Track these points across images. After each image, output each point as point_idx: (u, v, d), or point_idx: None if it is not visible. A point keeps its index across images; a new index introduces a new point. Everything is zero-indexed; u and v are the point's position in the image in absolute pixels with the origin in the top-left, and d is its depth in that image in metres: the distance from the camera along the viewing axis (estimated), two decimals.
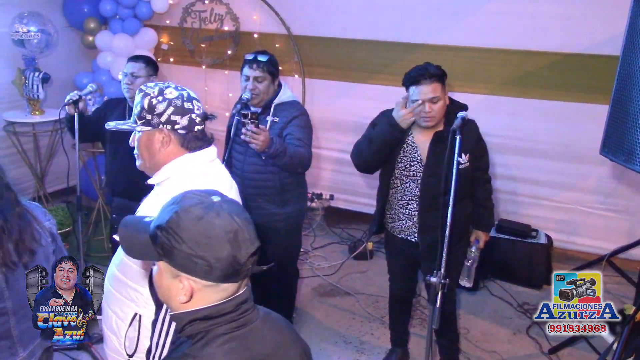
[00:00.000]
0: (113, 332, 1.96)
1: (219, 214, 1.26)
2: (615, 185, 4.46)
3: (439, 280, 2.48)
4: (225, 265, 1.25)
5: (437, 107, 2.91)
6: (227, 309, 1.29)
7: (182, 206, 1.27)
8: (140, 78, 3.51)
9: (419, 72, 2.92)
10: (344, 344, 3.73)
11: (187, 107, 1.90)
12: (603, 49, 4.13)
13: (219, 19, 5.50)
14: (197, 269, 1.25)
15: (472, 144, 3.00)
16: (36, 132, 5.07)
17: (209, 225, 1.24)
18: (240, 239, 1.26)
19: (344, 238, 5.23)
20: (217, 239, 1.24)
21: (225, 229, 1.25)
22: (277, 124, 3.26)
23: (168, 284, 1.30)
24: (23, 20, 4.79)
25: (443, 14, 4.66)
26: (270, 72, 3.27)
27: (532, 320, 4.00)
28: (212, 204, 1.28)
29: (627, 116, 2.91)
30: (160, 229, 1.26)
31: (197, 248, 1.23)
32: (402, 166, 3.06)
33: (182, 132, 1.90)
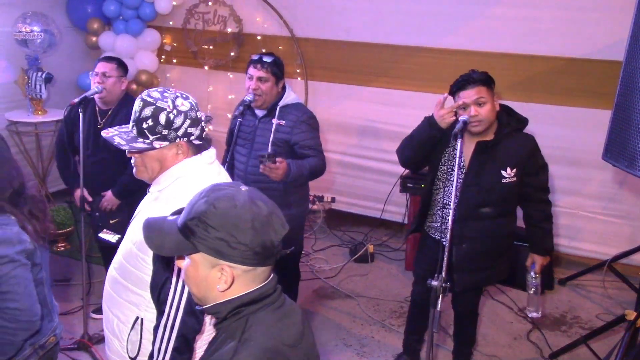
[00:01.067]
0: (115, 335, 1.95)
1: (252, 201, 1.30)
2: (617, 190, 4.46)
3: (439, 283, 2.48)
4: (263, 249, 1.29)
5: (484, 110, 2.80)
6: (269, 290, 1.34)
7: (215, 197, 1.30)
8: (112, 78, 3.56)
9: (463, 77, 2.86)
10: (344, 346, 3.72)
11: (198, 116, 1.89)
12: (606, 54, 4.14)
13: (222, 20, 5.51)
14: (236, 254, 1.27)
15: (521, 159, 2.87)
16: (38, 131, 5.08)
17: (245, 211, 1.28)
18: (274, 223, 1.31)
19: (345, 241, 5.22)
20: (255, 224, 1.27)
21: (261, 213, 1.29)
22: (282, 127, 3.26)
23: (205, 274, 1.31)
24: (26, 20, 4.81)
25: (446, 17, 4.67)
26: (274, 74, 3.26)
27: (532, 325, 4.00)
28: (243, 192, 1.32)
29: (629, 122, 2.91)
30: (196, 222, 1.28)
31: (237, 234, 1.26)
32: (445, 169, 2.97)
33: (197, 142, 1.90)
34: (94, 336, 3.57)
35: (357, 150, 5.24)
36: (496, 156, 2.85)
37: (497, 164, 2.85)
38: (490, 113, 2.83)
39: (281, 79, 3.32)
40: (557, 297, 4.40)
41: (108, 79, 3.55)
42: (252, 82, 3.24)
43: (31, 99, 4.95)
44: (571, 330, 3.97)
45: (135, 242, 1.87)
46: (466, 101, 2.81)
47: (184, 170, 1.89)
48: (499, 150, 2.85)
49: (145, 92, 1.87)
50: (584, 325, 4.03)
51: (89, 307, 3.74)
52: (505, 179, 2.85)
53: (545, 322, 4.06)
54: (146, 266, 1.84)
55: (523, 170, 2.89)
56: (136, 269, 1.87)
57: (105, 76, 3.55)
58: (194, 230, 1.28)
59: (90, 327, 3.62)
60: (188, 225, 1.29)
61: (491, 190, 2.86)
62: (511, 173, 2.86)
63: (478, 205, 2.87)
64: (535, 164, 2.93)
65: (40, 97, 4.93)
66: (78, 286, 4.04)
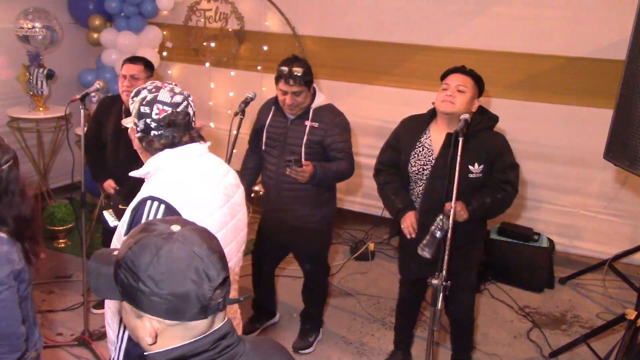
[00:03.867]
0: (109, 325, 1.98)
1: (177, 247, 1.15)
2: (618, 190, 4.46)
3: (440, 282, 2.48)
4: (188, 303, 1.14)
5: (461, 97, 2.86)
6: (203, 346, 1.18)
7: (137, 240, 1.17)
8: (141, 80, 3.47)
9: (456, 67, 2.96)
10: (344, 344, 3.72)
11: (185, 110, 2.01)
12: (608, 53, 4.13)
13: (223, 18, 5.50)
14: (158, 307, 1.14)
15: (489, 156, 2.91)
16: (40, 128, 5.08)
17: (167, 259, 1.14)
18: (203, 272, 1.14)
19: (345, 239, 5.22)
20: (175, 275, 1.13)
21: (185, 262, 1.14)
22: (316, 129, 3.27)
23: (133, 324, 1.20)
24: (28, 16, 4.80)
25: (449, 16, 4.66)
26: (307, 83, 3.23)
27: (533, 324, 4.00)
28: (170, 235, 1.17)
29: (631, 121, 2.91)
30: (119, 266, 1.17)
31: (154, 286, 1.13)
32: (416, 170, 3.01)
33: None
34: (94, 332, 3.58)
35: (359, 148, 5.22)
36: (466, 150, 2.83)
37: (466, 159, 2.83)
38: (465, 103, 2.88)
39: (311, 84, 3.30)
40: (558, 296, 4.40)
41: (137, 82, 3.44)
42: (287, 98, 3.21)
43: (32, 95, 4.95)
44: (571, 329, 3.98)
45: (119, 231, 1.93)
46: (449, 83, 2.90)
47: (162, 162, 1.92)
48: (469, 145, 2.83)
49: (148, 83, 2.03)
50: (584, 325, 4.03)
51: (89, 303, 3.75)
52: (472, 174, 2.87)
53: (545, 321, 4.07)
54: None
55: (491, 168, 2.92)
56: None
57: (134, 79, 3.50)
58: (119, 275, 1.17)
59: (91, 323, 3.63)
60: (115, 268, 1.18)
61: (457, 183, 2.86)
62: (478, 169, 2.89)
63: (443, 197, 2.85)
64: (503, 163, 2.95)
65: (41, 93, 4.93)
66: (78, 282, 4.05)
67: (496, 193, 2.94)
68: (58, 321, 3.78)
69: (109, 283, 1.19)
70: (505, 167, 2.95)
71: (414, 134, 3.04)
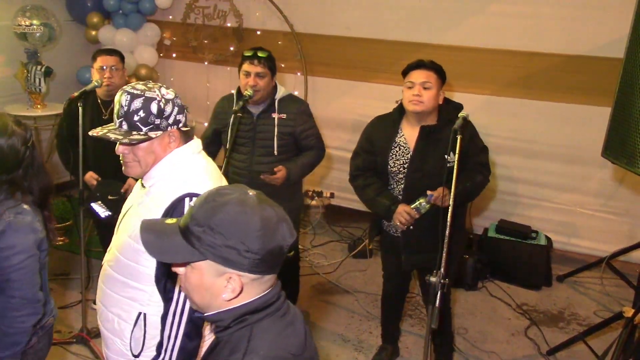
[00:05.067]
0: (116, 334, 1.92)
1: (261, 207, 1.24)
2: (616, 187, 4.46)
3: (438, 279, 2.48)
4: (273, 257, 1.24)
5: (427, 94, 2.92)
6: (273, 298, 1.29)
7: (223, 202, 1.23)
8: (120, 70, 3.62)
9: (417, 61, 3.00)
10: (342, 342, 3.73)
11: (182, 104, 1.90)
12: (606, 52, 4.13)
13: (222, 15, 5.50)
14: (246, 263, 1.22)
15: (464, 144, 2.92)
16: (38, 125, 5.07)
17: (255, 217, 1.22)
18: (284, 229, 1.25)
19: (343, 236, 5.23)
20: (265, 231, 1.22)
21: (271, 220, 1.23)
22: (285, 120, 3.32)
23: (210, 283, 1.25)
24: (26, 13, 4.79)
25: (447, 14, 4.66)
26: (270, 68, 3.29)
27: (530, 321, 4.01)
28: (251, 197, 1.26)
29: (629, 119, 2.91)
30: (204, 228, 1.21)
31: (247, 242, 1.21)
32: (396, 169, 3.05)
33: (185, 129, 1.91)
34: (92, 330, 3.57)
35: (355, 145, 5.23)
36: (440, 141, 2.93)
37: (441, 149, 2.91)
38: (432, 99, 2.93)
39: (275, 73, 3.35)
40: (555, 293, 4.41)
41: (117, 72, 3.60)
42: (250, 79, 3.24)
43: (30, 93, 4.94)
44: (569, 327, 3.98)
45: (132, 235, 1.85)
46: (413, 81, 2.94)
47: (174, 160, 1.88)
48: (442, 136, 2.92)
49: (128, 87, 1.85)
50: (581, 322, 4.04)
51: (88, 300, 3.75)
52: (449, 163, 2.89)
53: (543, 318, 4.08)
54: (146, 258, 1.81)
55: (464, 154, 2.94)
56: (135, 262, 1.85)
57: (114, 69, 3.59)
58: (201, 237, 1.21)
59: (90, 320, 3.62)
60: (194, 231, 1.23)
61: (435, 174, 2.92)
62: (454, 157, 2.89)
63: (423, 189, 2.94)
64: (475, 147, 3.04)
65: (39, 91, 4.92)
66: (77, 280, 4.05)
67: (474, 176, 3.03)
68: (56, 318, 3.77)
69: (179, 248, 1.24)
70: (478, 152, 3.05)
71: (387, 135, 3.08)
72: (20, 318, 1.99)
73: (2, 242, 1.95)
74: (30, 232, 1.99)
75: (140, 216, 1.84)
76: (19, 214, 1.98)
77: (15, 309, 1.98)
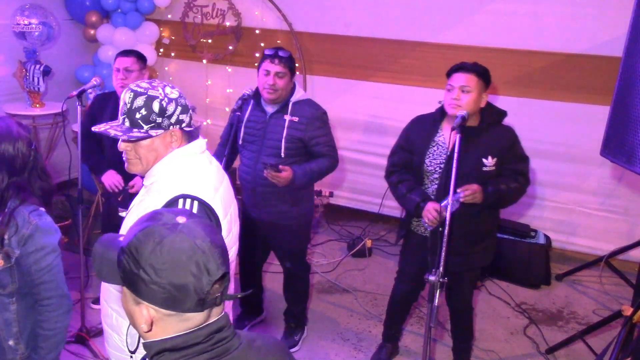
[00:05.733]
0: (114, 329, 1.93)
1: (181, 238, 1.16)
2: (615, 186, 4.47)
3: (437, 278, 2.49)
4: (186, 294, 1.15)
5: (466, 97, 2.87)
6: (196, 339, 1.19)
7: (143, 228, 1.19)
8: (134, 72, 3.55)
9: (460, 63, 2.96)
10: (341, 341, 3.73)
11: (187, 103, 1.90)
12: (605, 50, 4.13)
13: (220, 14, 5.49)
14: (156, 296, 1.16)
15: (502, 149, 2.94)
16: (36, 124, 5.06)
17: (169, 250, 1.15)
18: (203, 266, 1.15)
19: (343, 235, 5.23)
20: (176, 265, 1.15)
21: (186, 254, 1.15)
22: (296, 123, 3.23)
23: (131, 310, 1.22)
24: (24, 12, 4.78)
25: (446, 12, 4.66)
26: (290, 69, 3.23)
27: (529, 320, 4.01)
28: (175, 226, 1.18)
29: (628, 118, 2.91)
30: (123, 252, 1.19)
31: (154, 274, 1.14)
32: (432, 169, 3.02)
33: (188, 129, 1.90)
34: (91, 329, 3.58)
35: (356, 144, 5.24)
36: (479, 144, 2.91)
37: (479, 152, 2.90)
38: (471, 103, 2.89)
39: (295, 74, 3.29)
40: (554, 292, 4.42)
41: (131, 74, 3.53)
42: (269, 78, 3.18)
43: (29, 91, 4.93)
44: (568, 326, 3.99)
45: None
46: (452, 84, 2.91)
47: (174, 160, 1.88)
48: (482, 138, 2.91)
49: (132, 84, 1.87)
50: (580, 321, 4.04)
51: (87, 299, 3.75)
52: (485, 167, 2.90)
53: (542, 317, 4.08)
54: None
55: (503, 161, 2.96)
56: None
57: (127, 71, 3.55)
58: (120, 261, 1.19)
59: (88, 320, 3.63)
60: (119, 254, 1.20)
61: (470, 176, 2.89)
62: (492, 162, 2.92)
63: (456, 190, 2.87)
64: (515, 155, 3.01)
65: (38, 90, 4.91)
66: (76, 279, 4.04)
67: (510, 182, 2.98)
68: None
69: (112, 267, 1.22)
70: (517, 159, 3.01)
71: (427, 134, 3.05)
72: (59, 317, 2.07)
73: (32, 245, 1.99)
74: (55, 232, 2.06)
75: (139, 215, 1.83)
76: (41, 216, 2.04)
77: (53, 309, 2.05)
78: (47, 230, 2.03)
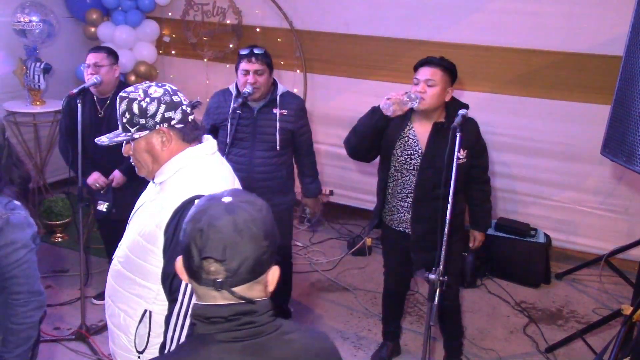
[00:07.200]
0: (122, 329, 1.92)
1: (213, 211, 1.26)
2: (615, 185, 4.46)
3: (437, 277, 2.49)
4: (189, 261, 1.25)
5: (431, 91, 2.93)
6: (218, 313, 1.25)
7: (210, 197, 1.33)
8: (104, 67, 3.60)
9: (426, 58, 3.02)
10: (341, 339, 3.73)
11: (176, 100, 1.86)
12: (606, 49, 4.13)
13: (221, 12, 5.49)
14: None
15: (471, 142, 3.02)
16: (37, 122, 5.07)
17: (192, 217, 1.27)
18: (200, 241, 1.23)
19: (342, 234, 5.23)
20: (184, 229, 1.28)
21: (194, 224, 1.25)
22: (286, 116, 3.38)
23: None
24: (25, 10, 4.79)
25: (446, 11, 4.65)
26: (268, 65, 3.33)
27: (529, 319, 4.01)
28: (220, 204, 1.28)
29: (628, 117, 2.91)
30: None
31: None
32: (403, 160, 3.07)
33: (179, 126, 1.87)
34: (91, 327, 3.58)
35: None
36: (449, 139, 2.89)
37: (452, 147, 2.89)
38: (435, 97, 2.95)
39: (273, 69, 3.40)
40: (554, 291, 4.42)
41: (100, 69, 3.58)
42: (250, 77, 3.27)
43: (29, 89, 4.93)
44: (567, 325, 3.99)
45: (142, 233, 1.85)
46: (419, 77, 2.97)
47: (185, 160, 1.87)
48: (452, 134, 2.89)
49: (123, 91, 1.88)
50: (580, 320, 4.04)
51: (87, 297, 3.75)
52: (459, 160, 2.89)
53: (542, 316, 4.08)
54: (155, 257, 1.82)
55: (472, 152, 3.03)
56: (144, 260, 1.85)
57: (97, 66, 3.59)
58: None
59: (88, 317, 3.63)
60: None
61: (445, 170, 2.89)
62: (463, 154, 2.97)
63: (434, 186, 2.94)
64: (481, 146, 3.12)
65: (38, 87, 4.91)
66: (76, 277, 4.04)
67: (483, 188, 3.20)
68: (55, 315, 3.78)
69: None
70: (482, 150, 3.14)
71: (397, 124, 3.09)
72: (29, 312, 2.03)
73: (2, 239, 1.95)
74: (27, 226, 2.02)
75: (151, 213, 1.85)
76: (14, 210, 1.99)
77: (22, 304, 2.02)
78: (18, 224, 1.98)
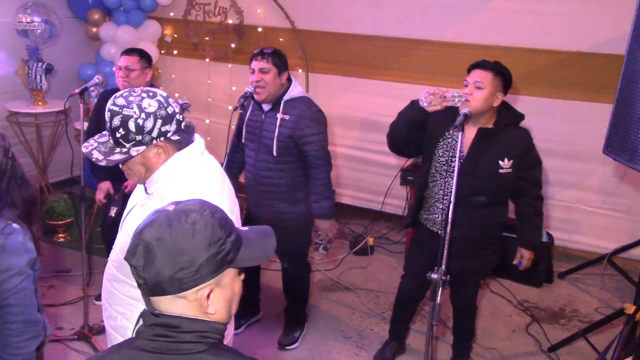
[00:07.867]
0: (119, 331, 1.92)
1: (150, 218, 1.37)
2: (617, 184, 4.46)
3: (439, 276, 2.48)
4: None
5: (478, 93, 2.79)
6: (145, 318, 1.37)
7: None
8: (135, 71, 3.56)
9: (480, 61, 2.90)
10: (343, 339, 3.73)
11: (170, 112, 1.82)
12: (608, 48, 4.12)
13: (223, 12, 5.49)
14: None
15: (518, 152, 2.89)
16: (39, 122, 5.08)
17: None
18: (132, 245, 1.32)
19: (345, 233, 5.22)
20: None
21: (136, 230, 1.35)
22: (286, 121, 3.20)
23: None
24: (27, 10, 4.79)
25: (449, 10, 4.65)
26: (276, 64, 3.20)
27: (531, 318, 4.01)
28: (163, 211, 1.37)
29: (631, 116, 2.91)
30: None
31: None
32: (444, 160, 2.96)
33: (175, 137, 1.84)
34: (94, 327, 3.58)
35: (358, 142, 5.24)
36: (495, 146, 2.87)
37: (496, 154, 2.86)
38: (481, 100, 2.80)
39: (284, 70, 3.25)
40: (557, 290, 4.41)
41: (131, 73, 3.55)
42: (255, 75, 3.20)
43: (31, 89, 4.94)
44: (570, 324, 3.98)
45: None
46: (468, 80, 2.85)
47: (175, 166, 1.85)
48: (499, 140, 2.87)
49: (110, 100, 1.82)
50: (583, 319, 4.04)
51: (89, 297, 3.75)
52: (502, 169, 2.86)
53: (544, 315, 4.08)
54: None
55: (519, 163, 2.91)
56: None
57: (128, 70, 3.56)
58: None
59: (91, 317, 3.63)
60: None
61: (486, 178, 2.87)
62: (508, 164, 2.87)
63: (471, 193, 2.87)
64: (532, 159, 2.96)
65: (40, 87, 4.92)
66: (78, 277, 4.05)
67: (534, 203, 3.03)
68: (58, 315, 3.79)
69: None
70: (534, 163, 2.97)
71: (444, 123, 2.94)
72: (24, 343, 1.91)
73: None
74: (24, 252, 1.90)
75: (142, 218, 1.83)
76: (10, 235, 1.88)
77: (17, 334, 1.90)
78: (13, 250, 1.86)
